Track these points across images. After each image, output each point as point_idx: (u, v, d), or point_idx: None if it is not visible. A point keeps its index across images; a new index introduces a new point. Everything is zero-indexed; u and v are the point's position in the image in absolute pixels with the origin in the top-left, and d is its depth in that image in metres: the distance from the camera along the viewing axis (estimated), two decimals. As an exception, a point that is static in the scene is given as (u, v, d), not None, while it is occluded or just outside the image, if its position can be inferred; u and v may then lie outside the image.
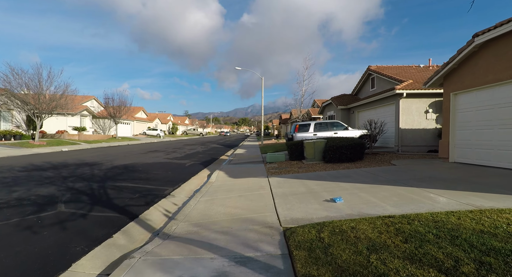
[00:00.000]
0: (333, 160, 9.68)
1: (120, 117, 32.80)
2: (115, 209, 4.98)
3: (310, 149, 10.39)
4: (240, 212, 4.58)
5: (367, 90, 17.84)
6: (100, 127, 35.97)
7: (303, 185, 6.31)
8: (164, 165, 11.24)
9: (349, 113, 18.07)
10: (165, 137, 47.19)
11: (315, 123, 13.18)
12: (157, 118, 58.21)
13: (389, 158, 9.86)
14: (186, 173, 9.38)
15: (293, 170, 8.88)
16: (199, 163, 12.55)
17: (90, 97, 34.87)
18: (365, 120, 12.11)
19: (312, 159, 10.38)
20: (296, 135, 13.07)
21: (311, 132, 13.04)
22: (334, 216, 3.93)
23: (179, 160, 13.49)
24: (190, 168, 10.69)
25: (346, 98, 19.05)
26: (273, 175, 8.23)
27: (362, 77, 18.23)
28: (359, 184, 5.97)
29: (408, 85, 11.68)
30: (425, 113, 11.53)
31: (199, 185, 7.83)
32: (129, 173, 8.93)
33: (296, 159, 11.34)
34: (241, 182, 7.54)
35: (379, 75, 15.43)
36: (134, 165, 11.07)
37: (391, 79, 13.73)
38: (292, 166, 9.94)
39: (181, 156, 15.26)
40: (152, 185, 7.16)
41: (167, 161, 12.71)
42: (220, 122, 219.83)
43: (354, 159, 9.65)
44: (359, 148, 9.60)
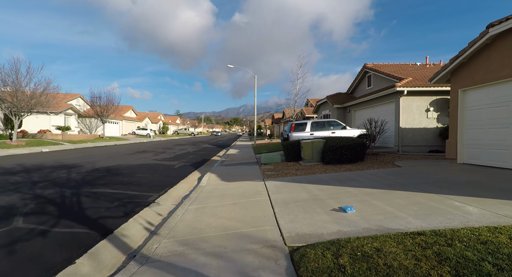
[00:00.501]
0: (333, 161, 9.08)
1: (108, 117, 31.53)
2: (86, 222, 4.20)
3: (308, 149, 9.78)
4: (235, 225, 3.88)
5: (363, 89, 17.39)
6: (86, 126, 34.57)
7: (305, 190, 5.66)
8: (151, 167, 10.41)
9: (345, 112, 17.59)
10: (155, 137, 45.95)
11: (311, 122, 12.59)
12: (147, 117, 56.73)
13: (391, 159, 9.33)
14: (174, 176, 8.61)
15: (291, 172, 8.24)
16: (189, 164, 11.77)
17: (76, 95, 33.44)
18: (364, 119, 11.59)
19: (310, 160, 9.77)
20: (292, 135, 12.44)
21: (308, 131, 12.44)
22: (349, 231, 3.28)
23: (168, 161, 12.67)
24: (179, 170, 9.91)
25: (341, 97, 18.57)
26: (269, 178, 7.56)
27: (358, 76, 17.78)
28: (368, 188, 5.35)
29: (408, 82, 11.21)
30: (426, 112, 11.08)
31: (189, 189, 7.08)
32: (110, 177, 8.09)
33: (292, 160, 10.71)
34: (234, 186, 6.84)
35: (377, 73, 14.97)
36: (118, 167, 10.20)
37: (389, 77, 13.26)
38: (289, 167, 9.30)
39: (171, 157, 14.42)
40: (135, 191, 6.37)
41: (155, 163, 11.87)
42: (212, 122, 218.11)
43: (355, 160, 9.08)
44: (360, 148, 9.04)
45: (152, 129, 48.99)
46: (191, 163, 12.28)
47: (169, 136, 55.25)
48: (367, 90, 16.63)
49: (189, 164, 11.75)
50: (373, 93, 13.39)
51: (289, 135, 12.51)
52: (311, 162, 9.75)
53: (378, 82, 15.25)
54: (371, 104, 14.13)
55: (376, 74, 15.28)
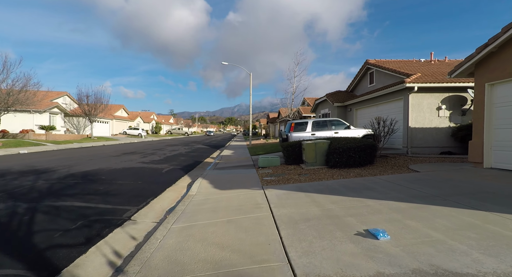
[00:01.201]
0: (339, 165, 8.13)
1: (96, 116, 30.11)
2: (26, 256, 3.13)
3: (311, 151, 8.81)
4: (229, 258, 2.87)
5: (365, 86, 16.53)
6: (74, 126, 33.07)
7: (314, 203, 4.67)
8: (136, 172, 9.31)
9: (346, 111, 16.70)
10: (147, 137, 44.53)
11: (312, 121, 11.64)
12: (139, 117, 55.18)
13: (403, 162, 8.42)
14: (161, 182, 7.54)
15: (293, 178, 7.25)
16: (179, 167, 10.69)
17: (62, 93, 31.90)
18: (369, 118, 10.68)
19: (313, 163, 8.80)
20: (291, 135, 11.47)
21: (309, 131, 11.49)
22: (393, 274, 2.29)
23: (156, 164, 11.56)
24: (167, 175, 8.84)
25: (342, 95, 17.69)
26: (269, 185, 6.56)
27: (359, 73, 16.91)
28: (393, 202, 4.38)
29: (418, 78, 10.34)
30: (437, 110, 10.23)
31: (175, 200, 6.04)
32: (85, 184, 6.98)
33: (293, 163, 9.73)
34: (229, 195, 5.82)
35: (380, 69, 14.10)
36: (97, 171, 9.06)
37: (395, 73, 12.39)
38: (290, 172, 8.31)
39: (160, 159, 13.30)
40: (109, 203, 5.29)
41: (141, 166, 10.75)
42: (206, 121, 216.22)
43: (364, 164, 8.15)
44: (370, 150, 8.10)
45: (144, 129, 47.56)
46: (182, 166, 11.20)
47: (162, 136, 53.82)
48: (369, 88, 15.77)
49: (179, 167, 10.67)
50: (377, 91, 12.50)
51: (289, 135, 11.54)
52: (314, 166, 8.79)
53: (382, 79, 14.39)
54: (375, 103, 13.25)
55: (380, 70, 14.41)
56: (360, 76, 17.01)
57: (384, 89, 11.73)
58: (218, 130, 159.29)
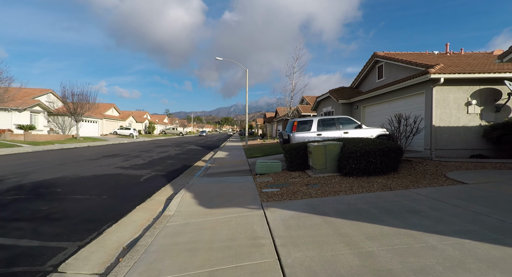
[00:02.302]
0: (356, 172, 6.58)
1: (82, 115, 28.22)
2: None
3: (319, 155, 7.25)
4: None
5: (372, 82, 15.03)
6: (58, 126, 31.15)
7: (341, 238, 3.10)
8: (106, 181, 7.66)
9: (352, 108, 15.19)
10: (139, 137, 42.67)
11: (318, 120, 10.07)
12: (131, 116, 53.20)
13: (434, 169, 6.89)
14: (132, 196, 5.91)
15: (301, 190, 5.68)
16: (163, 174, 9.06)
17: (46, 90, 29.93)
18: (383, 115, 9.17)
19: (323, 170, 7.25)
20: (294, 136, 9.89)
21: (314, 131, 9.92)
22: None
23: (136, 169, 9.90)
24: (144, 185, 7.21)
25: (346, 92, 16.18)
26: (271, 202, 4.98)
27: (366, 67, 15.41)
28: (470, 240, 2.82)
29: (442, 69, 8.83)
30: (465, 106, 8.73)
31: (143, 225, 4.43)
32: (25, 202, 5.30)
33: (297, 169, 8.16)
34: (217, 219, 4.23)
35: (392, 61, 12.60)
36: (56, 181, 7.38)
37: (411, 64, 10.89)
38: (295, 181, 6.74)
39: (143, 163, 11.63)
40: (41, 237, 3.65)
41: (117, 172, 9.09)
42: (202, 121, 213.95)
43: (387, 171, 6.61)
44: (394, 154, 6.56)
45: (136, 129, 45.66)
46: (167, 171, 9.56)
47: (155, 136, 51.93)
48: (378, 83, 14.27)
49: (162, 174, 9.04)
50: (390, 85, 10.98)
51: (291, 136, 9.96)
52: (324, 173, 7.23)
53: (393, 73, 12.90)
54: (387, 98, 11.74)
55: (391, 63, 12.91)
56: (366, 70, 15.51)
57: (399, 83, 10.21)
58: (214, 130, 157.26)
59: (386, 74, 13.62)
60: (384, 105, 12.30)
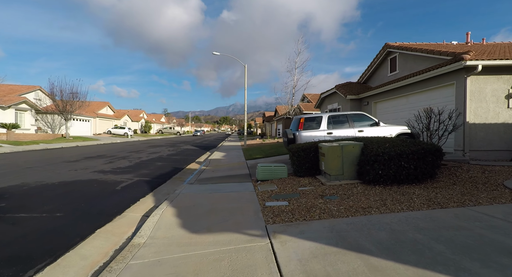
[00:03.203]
0: (383, 180, 5.24)
1: (72, 113, 26.76)
2: None
3: (335, 158, 5.90)
4: None
5: (384, 76, 13.70)
6: (48, 125, 29.65)
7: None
8: (74, 189, 6.28)
9: (361, 105, 13.85)
10: (134, 136, 41.17)
11: (328, 116, 8.72)
12: (126, 115, 51.63)
13: (482, 175, 5.53)
14: (97, 213, 4.55)
15: (316, 205, 4.33)
16: (147, 179, 7.69)
17: (34, 87, 28.41)
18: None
19: (339, 176, 5.91)
20: (300, 135, 8.54)
21: (323, 129, 8.57)
22: None
23: (117, 174, 8.52)
24: (119, 195, 5.84)
25: (354, 87, 14.84)
26: (279, 225, 3.62)
27: (376, 60, 14.07)
28: None
29: (477, 55, 7.49)
30: (506, 99, 7.40)
31: (92, 267, 3.04)
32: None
33: (306, 174, 6.82)
34: (203, 256, 2.85)
35: (408, 52, 11.28)
36: (8, 190, 5.98)
37: (433, 54, 9.58)
38: (306, 191, 5.39)
39: (128, 166, 10.25)
40: None
41: (92, 178, 7.72)
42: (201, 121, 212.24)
43: (422, 178, 5.27)
44: (432, 157, 5.22)
45: (131, 128, 44.15)
46: (153, 176, 8.19)
47: (151, 135, 50.43)
48: (390, 77, 12.95)
49: (147, 179, 7.67)
50: (411, 76, 9.64)
51: (297, 135, 8.60)
52: (340, 180, 5.89)
53: (409, 65, 11.57)
54: (405, 93, 10.40)
55: (407, 53, 11.58)
56: (376, 64, 14.17)
57: (422, 74, 8.86)
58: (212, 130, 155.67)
59: (400, 66, 12.29)
60: (400, 100, 10.96)
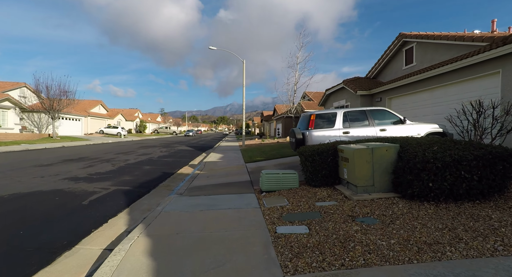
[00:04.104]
0: (434, 194, 3.88)
1: (60, 111, 25.20)
2: None
3: (363, 164, 4.55)
4: None
5: (398, 69, 12.40)
6: (34, 124, 28.04)
7: None
8: (23, 205, 4.87)
9: (373, 101, 12.53)
10: (128, 136, 39.59)
11: (344, 112, 7.37)
12: (120, 114, 50.01)
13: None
14: (34, 249, 3.17)
15: (352, 235, 2.97)
16: (127, 189, 6.29)
17: (19, 84, 26.78)
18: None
19: (368, 187, 4.56)
20: (310, 135, 7.17)
21: (339, 128, 7.22)
22: None
23: (93, 181, 7.11)
24: (82, 214, 4.44)
25: (364, 82, 13.51)
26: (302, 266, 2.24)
27: (388, 52, 12.75)
28: None
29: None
30: None
31: None
32: None
33: (323, 184, 5.46)
34: None
35: (429, 41, 9.99)
36: None
37: (462, 41, 8.29)
38: (326, 207, 4.03)
39: (109, 171, 8.83)
40: None
41: (58, 187, 6.30)
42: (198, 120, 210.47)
43: (488, 192, 3.90)
44: (504, 164, 3.86)
45: (124, 128, 42.52)
46: (135, 184, 6.78)
47: (146, 135, 48.85)
48: (406, 70, 11.65)
49: (126, 189, 6.26)
50: (438, 67, 8.33)
51: (306, 135, 7.24)
52: (370, 192, 4.54)
53: (429, 56, 10.27)
54: (428, 86, 9.10)
55: (427, 42, 10.29)
56: (389, 56, 12.85)
57: (456, 62, 7.55)
58: (209, 130, 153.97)
59: (418, 58, 10.98)
60: (421, 95, 9.64)
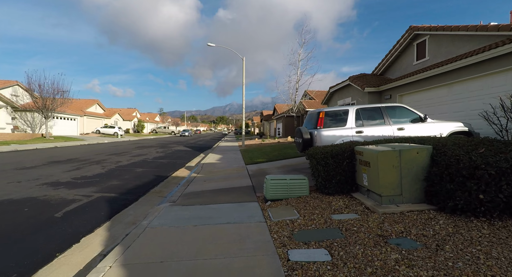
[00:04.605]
0: (485, 209, 3.11)
1: (53, 110, 24.38)
2: None
3: (389, 169, 3.80)
4: None
5: (408, 64, 11.65)
6: (27, 123, 27.20)
7: None
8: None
9: (382, 99, 11.78)
10: (125, 136, 38.75)
11: (357, 109, 6.60)
12: (117, 114, 49.12)
13: None
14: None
15: (392, 268, 2.19)
16: (111, 196, 5.51)
17: (11, 82, 25.91)
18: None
19: (395, 197, 3.80)
20: (320, 135, 6.40)
21: (351, 127, 6.46)
22: None
23: (75, 187, 6.33)
24: (51, 231, 3.67)
25: (371, 79, 12.76)
26: None
27: (398, 47, 11.99)
28: None
29: None
30: None
31: None
32: None
33: (337, 191, 4.70)
34: None
35: (444, 32, 9.24)
36: None
37: (485, 31, 7.54)
38: (346, 221, 3.26)
39: (96, 174, 8.04)
40: None
41: (32, 195, 5.52)
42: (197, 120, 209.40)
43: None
44: None
45: (121, 127, 41.64)
46: (121, 191, 6.00)
47: (144, 135, 48.00)
48: (417, 65, 10.90)
49: (110, 197, 5.49)
50: (460, 59, 7.59)
51: (315, 134, 6.47)
52: (397, 203, 3.78)
53: (444, 49, 9.53)
54: (445, 81, 8.36)
55: (442, 34, 9.55)
56: (398, 51, 12.09)
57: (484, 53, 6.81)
58: (209, 130, 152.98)
59: (431, 51, 10.23)
60: (438, 91, 8.90)
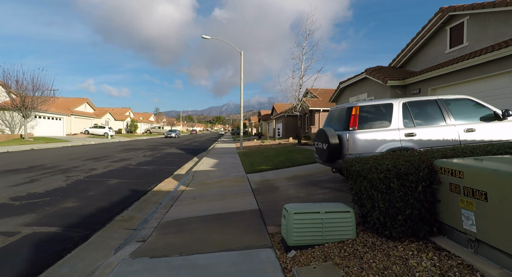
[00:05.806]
0: None
1: (34, 109, 22.26)
2: None
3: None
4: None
5: (438, 53, 9.85)
6: (6, 123, 25.00)
7: None
8: None
9: (407, 94, 9.96)
10: (116, 137, 36.59)
11: (404, 103, 4.75)
12: (108, 113, 46.85)
13: None
14: None
15: None
16: (52, 232, 3.59)
17: (-13, 79, 23.65)
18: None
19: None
20: (354, 139, 4.53)
21: (397, 127, 4.61)
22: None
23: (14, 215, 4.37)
24: None
25: (391, 71, 10.95)
26: None
27: (425, 33, 10.17)
28: None
29: None
30: None
31: None
32: None
33: (404, 233, 2.80)
34: None
35: (495, 9, 7.43)
36: None
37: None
38: None
39: (51, 190, 6.09)
40: None
41: None
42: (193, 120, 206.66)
43: None
44: None
45: (112, 128, 39.42)
46: (72, 221, 4.07)
47: (137, 135, 45.82)
48: (452, 54, 9.12)
49: (47, 235, 3.57)
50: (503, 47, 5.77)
51: (345, 138, 4.60)
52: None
53: (492, 31, 7.74)
54: (503, 69, 6.55)
55: (490, 12, 7.76)
56: (425, 38, 10.28)
57: None
58: (205, 130, 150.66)
59: (471, 35, 8.44)
60: (494, 81, 7.09)
